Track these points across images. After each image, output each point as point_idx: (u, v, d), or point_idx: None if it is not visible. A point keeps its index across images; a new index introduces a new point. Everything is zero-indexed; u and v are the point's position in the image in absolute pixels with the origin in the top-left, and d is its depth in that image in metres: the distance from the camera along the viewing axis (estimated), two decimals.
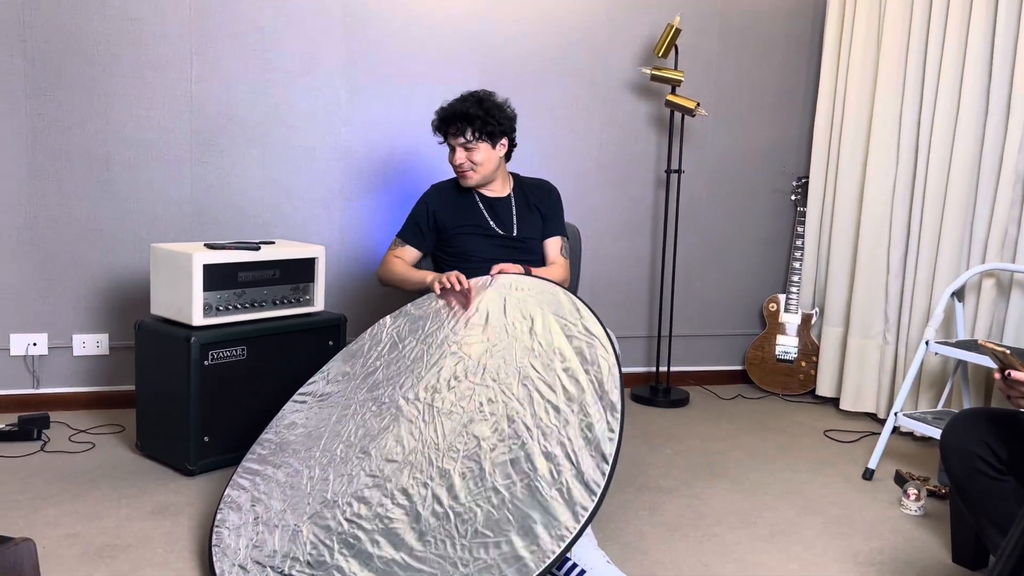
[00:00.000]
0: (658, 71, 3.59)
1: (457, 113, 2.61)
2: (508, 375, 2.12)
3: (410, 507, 1.95)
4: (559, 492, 1.83)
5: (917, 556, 2.33)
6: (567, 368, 2.06)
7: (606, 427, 1.91)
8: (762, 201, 4.06)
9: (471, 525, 1.86)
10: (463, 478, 1.95)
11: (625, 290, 3.92)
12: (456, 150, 2.65)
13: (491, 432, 2.02)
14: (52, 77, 3.13)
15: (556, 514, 1.80)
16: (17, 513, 2.36)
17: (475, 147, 2.63)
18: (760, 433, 3.36)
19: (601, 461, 1.86)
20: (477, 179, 2.67)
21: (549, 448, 1.92)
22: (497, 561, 1.78)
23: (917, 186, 3.34)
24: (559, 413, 1.98)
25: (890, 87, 3.42)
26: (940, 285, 3.20)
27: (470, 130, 2.60)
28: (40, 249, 3.19)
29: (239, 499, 2.25)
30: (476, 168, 2.65)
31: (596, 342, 2.08)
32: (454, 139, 2.64)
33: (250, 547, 2.06)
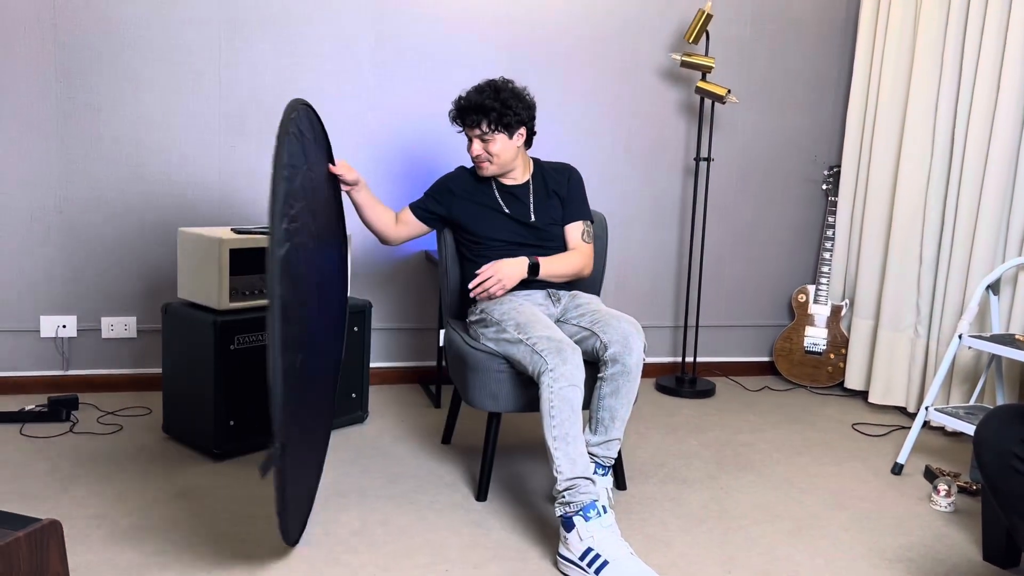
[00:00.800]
0: (689, 57, 3.54)
1: (473, 105, 2.58)
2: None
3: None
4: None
5: (947, 553, 2.29)
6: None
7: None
8: (792, 190, 4.00)
9: None
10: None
11: (652, 279, 3.89)
12: (473, 141, 2.62)
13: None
14: (83, 61, 3.15)
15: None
16: (45, 493, 2.38)
17: (491, 138, 2.59)
18: (787, 426, 3.32)
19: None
20: (495, 169, 2.64)
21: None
22: None
23: (953, 176, 3.27)
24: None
25: (927, 74, 3.34)
26: (975, 277, 3.13)
27: (485, 122, 2.57)
28: (70, 232, 3.22)
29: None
30: (493, 159, 2.62)
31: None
32: (470, 130, 2.61)
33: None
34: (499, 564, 2.11)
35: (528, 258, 2.54)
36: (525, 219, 2.66)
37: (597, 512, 2.07)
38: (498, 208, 2.66)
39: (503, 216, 2.66)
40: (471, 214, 2.67)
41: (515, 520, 2.36)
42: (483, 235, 2.65)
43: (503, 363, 2.42)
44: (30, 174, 3.16)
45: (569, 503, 2.09)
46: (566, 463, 2.13)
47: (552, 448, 2.15)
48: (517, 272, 2.52)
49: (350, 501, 2.44)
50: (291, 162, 1.88)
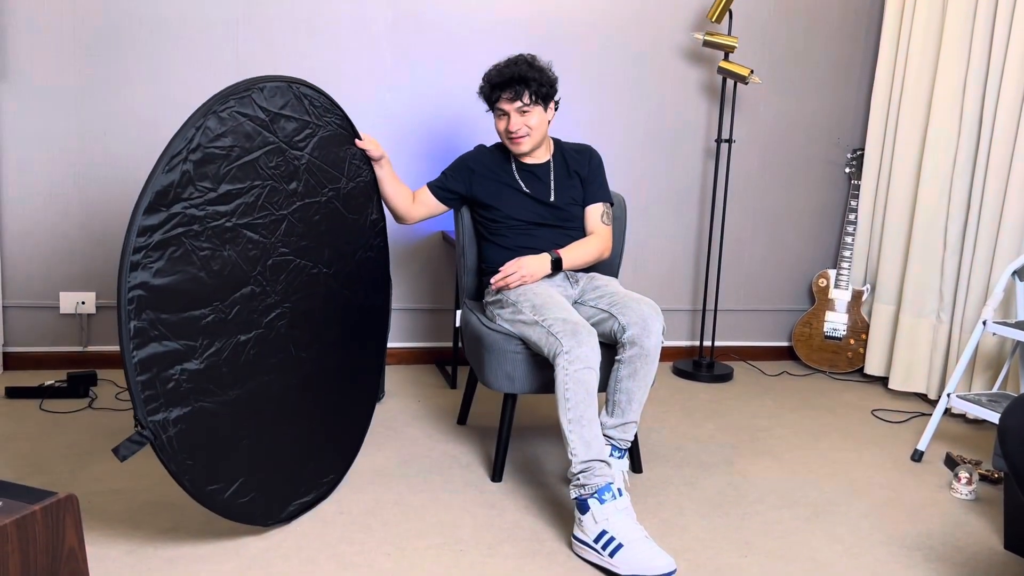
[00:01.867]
0: (711, 36, 3.49)
1: (516, 76, 2.53)
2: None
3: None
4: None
5: (967, 541, 2.26)
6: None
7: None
8: (815, 173, 3.95)
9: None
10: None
11: (670, 261, 3.85)
12: (511, 115, 2.57)
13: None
14: (101, 37, 3.14)
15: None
16: (64, 468, 2.40)
17: (530, 110, 2.56)
18: (805, 411, 3.29)
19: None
20: (530, 144, 2.61)
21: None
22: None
23: (980, 159, 3.21)
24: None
25: (954, 55, 3.28)
26: (1000, 263, 3.08)
27: (527, 93, 2.53)
28: (89, 209, 3.23)
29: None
30: (531, 133, 2.59)
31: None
32: (510, 103, 2.55)
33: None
34: (513, 545, 2.11)
35: (550, 254, 2.52)
36: (545, 199, 2.63)
37: (612, 495, 2.05)
38: (518, 187, 2.64)
39: (523, 195, 2.63)
40: (490, 193, 2.65)
41: (530, 501, 2.36)
42: (502, 214, 2.63)
43: (519, 344, 2.40)
44: (49, 151, 3.17)
45: (584, 485, 2.08)
46: (580, 446, 2.11)
47: (567, 430, 2.14)
48: (540, 269, 2.51)
49: (365, 480, 2.44)
50: (206, 142, 1.88)
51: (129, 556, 1.96)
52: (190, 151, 1.84)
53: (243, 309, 1.98)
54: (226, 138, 1.93)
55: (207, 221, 1.89)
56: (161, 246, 1.78)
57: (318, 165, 2.25)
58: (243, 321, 1.98)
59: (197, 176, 1.85)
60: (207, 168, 1.88)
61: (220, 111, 1.91)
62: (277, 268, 2.10)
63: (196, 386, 1.84)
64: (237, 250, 1.97)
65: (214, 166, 1.90)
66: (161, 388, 1.77)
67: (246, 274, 2.00)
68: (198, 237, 1.86)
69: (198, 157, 1.85)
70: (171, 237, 1.80)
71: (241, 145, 1.97)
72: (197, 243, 1.86)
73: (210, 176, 1.89)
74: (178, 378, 1.80)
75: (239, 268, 1.98)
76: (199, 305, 1.87)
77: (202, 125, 1.87)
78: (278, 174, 2.09)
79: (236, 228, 1.97)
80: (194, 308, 1.85)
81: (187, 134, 1.83)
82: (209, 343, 1.89)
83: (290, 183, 2.14)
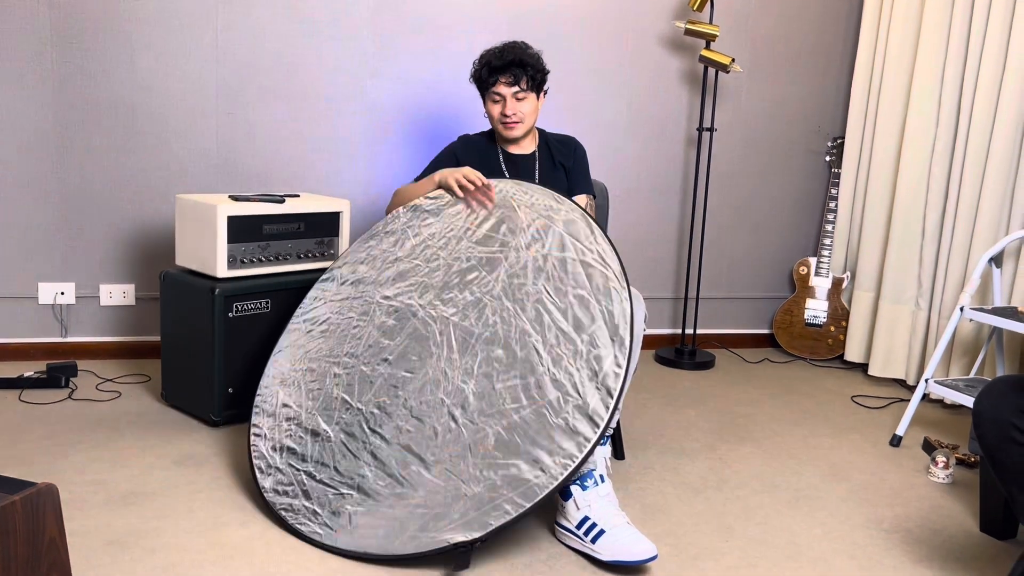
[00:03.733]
0: (692, 25, 3.50)
1: (516, 59, 2.52)
2: (521, 295, 2.11)
3: (428, 422, 2.03)
4: (564, 421, 1.90)
5: (944, 524, 2.29)
6: (579, 296, 2.05)
7: (614, 362, 1.93)
8: (795, 161, 3.97)
9: (483, 445, 1.93)
10: (477, 397, 2.01)
11: (653, 250, 3.87)
12: (507, 100, 2.56)
13: (504, 353, 2.04)
14: (77, 24, 3.11)
15: (560, 443, 1.87)
16: (44, 459, 2.39)
17: (525, 96, 2.55)
18: (786, 397, 3.32)
19: (606, 395, 1.90)
20: (523, 130, 2.60)
21: (558, 376, 1.96)
22: (504, 483, 1.87)
23: (958, 148, 3.23)
24: (569, 340, 2.00)
25: (933, 45, 3.30)
26: (977, 250, 3.11)
27: (525, 77, 2.53)
28: (67, 198, 3.20)
29: (273, 395, 2.33)
30: (524, 119, 2.58)
31: (610, 272, 2.07)
32: (508, 87, 2.53)
33: (285, 450, 2.20)
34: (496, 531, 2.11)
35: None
36: None
37: (595, 481, 2.06)
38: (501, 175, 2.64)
39: None
40: None
41: None
42: None
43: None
44: (26, 140, 3.13)
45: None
46: None
47: None
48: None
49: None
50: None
51: (111, 546, 1.95)
52: None
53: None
54: None
55: None
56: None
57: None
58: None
59: None
60: None
61: None
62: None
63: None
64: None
65: None
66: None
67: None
68: None
69: None
70: None
71: None
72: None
73: None
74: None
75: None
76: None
77: None
78: None
79: None
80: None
81: None
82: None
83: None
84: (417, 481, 1.95)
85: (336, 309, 2.41)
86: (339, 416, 2.17)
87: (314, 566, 1.91)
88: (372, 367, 2.20)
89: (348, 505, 1.99)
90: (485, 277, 2.20)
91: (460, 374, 2.06)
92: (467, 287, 2.21)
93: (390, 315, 2.28)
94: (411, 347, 2.18)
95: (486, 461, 1.90)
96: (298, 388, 2.30)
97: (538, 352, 2.01)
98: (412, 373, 2.13)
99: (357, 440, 2.09)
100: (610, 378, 1.91)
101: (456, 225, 2.39)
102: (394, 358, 2.19)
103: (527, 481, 1.85)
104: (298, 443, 2.18)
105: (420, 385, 2.10)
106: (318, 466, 2.11)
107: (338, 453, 2.10)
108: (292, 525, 2.03)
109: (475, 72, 2.60)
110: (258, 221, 2.73)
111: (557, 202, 2.29)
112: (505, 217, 2.31)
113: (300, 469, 2.13)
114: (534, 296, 2.10)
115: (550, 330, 2.03)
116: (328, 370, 2.28)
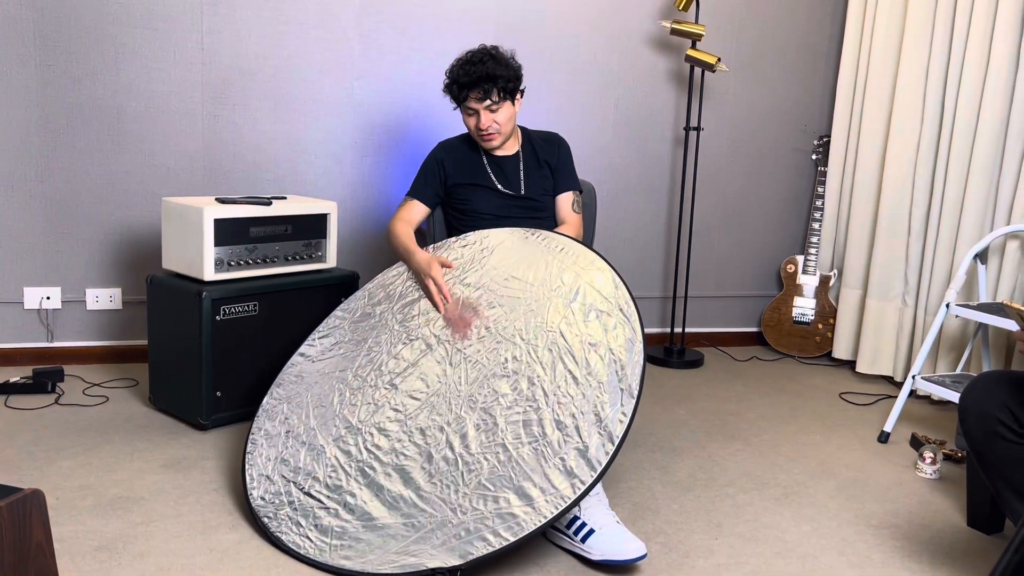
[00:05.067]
0: (678, 24, 3.50)
1: (484, 75, 2.47)
2: (537, 337, 2.11)
3: (424, 447, 2.03)
4: (561, 462, 1.88)
5: (932, 520, 2.31)
6: (595, 344, 2.04)
7: (619, 411, 1.92)
8: (782, 160, 3.99)
9: (476, 476, 1.92)
10: (477, 429, 2.00)
11: (640, 249, 3.87)
12: (480, 113, 2.54)
13: (510, 389, 2.04)
14: (62, 28, 3.09)
15: (555, 482, 1.86)
16: (31, 465, 2.37)
17: (499, 107, 2.53)
18: (774, 395, 3.33)
19: (607, 441, 1.88)
20: (501, 139, 2.60)
21: (561, 418, 1.94)
22: (492, 514, 1.86)
23: (942, 146, 3.26)
24: (578, 385, 1.99)
25: (917, 44, 3.32)
26: (963, 247, 3.13)
27: (496, 91, 2.49)
28: (53, 202, 3.18)
29: (275, 409, 2.35)
30: (501, 128, 2.57)
31: (628, 326, 2.06)
32: (478, 102, 2.51)
33: (279, 460, 2.19)
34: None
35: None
36: (516, 191, 2.63)
37: None
38: (488, 182, 2.64)
39: (494, 190, 2.63)
40: (462, 185, 2.64)
41: None
42: (471, 208, 2.63)
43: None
44: (10, 143, 3.11)
45: None
46: None
47: None
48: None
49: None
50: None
51: (99, 552, 1.94)
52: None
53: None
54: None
55: None
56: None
57: None
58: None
59: None
60: None
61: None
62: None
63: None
64: None
65: None
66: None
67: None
68: None
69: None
70: None
71: None
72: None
73: None
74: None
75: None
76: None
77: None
78: None
79: None
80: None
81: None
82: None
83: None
84: (405, 504, 1.95)
85: (352, 329, 2.44)
86: (338, 433, 2.16)
87: (306, 571, 1.91)
88: (379, 389, 2.21)
89: (333, 520, 1.99)
90: (503, 315, 2.20)
91: (465, 405, 2.06)
92: (484, 322, 2.22)
93: (405, 342, 2.29)
94: (420, 374, 2.18)
95: (477, 492, 1.90)
96: (303, 401, 2.31)
97: (544, 391, 2.00)
98: (417, 399, 2.13)
99: (351, 458, 2.09)
100: (613, 424, 1.90)
101: (481, 262, 2.41)
102: (402, 383, 2.19)
103: (515, 516, 1.84)
104: (292, 455, 2.18)
105: (423, 411, 2.10)
106: (308, 479, 2.10)
107: (329, 468, 2.09)
108: (273, 533, 2.02)
109: (446, 87, 2.57)
110: (245, 224, 2.72)
111: (586, 258, 2.27)
112: (532, 263, 2.30)
113: (290, 480, 2.12)
114: (548, 337, 2.10)
115: (560, 372, 2.03)
116: (335, 387, 2.29)
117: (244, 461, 2.25)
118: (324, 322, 2.55)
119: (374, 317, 2.44)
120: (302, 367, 2.44)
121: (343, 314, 2.54)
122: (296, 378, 2.42)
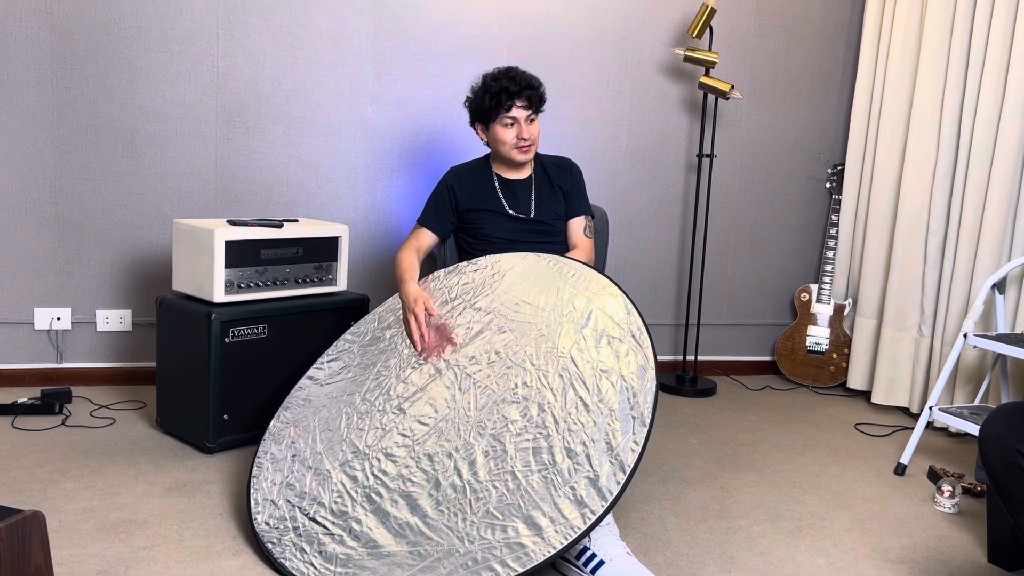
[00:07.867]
0: (692, 52, 3.51)
1: (528, 84, 2.52)
2: (548, 363, 2.08)
3: (432, 474, 1.99)
4: (571, 491, 1.85)
5: (951, 555, 2.25)
6: (606, 371, 2.01)
7: (631, 439, 1.89)
8: (796, 188, 3.96)
9: (484, 504, 1.89)
10: (485, 456, 1.96)
11: (652, 276, 3.85)
12: (521, 123, 2.54)
13: (520, 416, 2.00)
14: (78, 50, 3.12)
15: (564, 512, 1.82)
16: (35, 486, 2.35)
17: (535, 119, 2.59)
18: (788, 425, 3.28)
19: (619, 470, 1.85)
20: (534, 152, 2.63)
21: (572, 445, 1.91)
22: (500, 543, 1.81)
23: (958, 174, 3.23)
24: (589, 412, 1.95)
25: (932, 71, 3.30)
26: (980, 276, 3.09)
27: (537, 100, 2.57)
28: (65, 223, 3.19)
29: (282, 432, 2.32)
30: (536, 141, 2.60)
31: (641, 353, 2.03)
32: (523, 110, 2.52)
33: (284, 484, 2.15)
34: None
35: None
36: (527, 214, 2.62)
37: None
38: (499, 207, 2.63)
39: (505, 215, 2.62)
40: (474, 213, 2.64)
41: None
42: (485, 234, 2.62)
43: None
44: (25, 164, 3.13)
45: None
46: None
47: None
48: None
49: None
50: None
51: None
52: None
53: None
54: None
55: None
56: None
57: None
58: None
59: None
60: None
61: None
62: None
63: None
64: None
65: None
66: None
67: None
68: None
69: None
70: None
71: None
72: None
73: None
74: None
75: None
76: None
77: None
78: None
79: None
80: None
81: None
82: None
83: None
84: (411, 532, 1.91)
85: (362, 353, 2.42)
86: (345, 458, 2.13)
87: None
88: (387, 414, 2.18)
89: (338, 547, 1.95)
90: (514, 340, 2.18)
91: (473, 431, 2.03)
92: (494, 347, 2.19)
93: (414, 366, 2.27)
94: (429, 399, 2.16)
95: (485, 520, 1.86)
96: (310, 425, 2.28)
97: (555, 418, 1.97)
98: (425, 425, 2.10)
99: (358, 484, 2.06)
100: (625, 453, 1.87)
101: (492, 286, 2.40)
102: (410, 407, 2.16)
103: (523, 546, 1.79)
104: (298, 479, 2.15)
105: (431, 437, 2.07)
106: (314, 504, 2.07)
107: (335, 494, 2.06)
108: (277, 559, 1.99)
109: (482, 96, 2.56)
110: (256, 246, 2.72)
111: (599, 283, 2.25)
112: (543, 288, 2.28)
113: (295, 505, 2.09)
114: (559, 363, 2.07)
115: (570, 398, 2.00)
116: (343, 411, 2.27)
117: (249, 485, 2.22)
118: (333, 345, 2.53)
119: (383, 341, 2.42)
120: (310, 390, 2.42)
121: (352, 337, 2.52)
122: (304, 401, 2.39)
